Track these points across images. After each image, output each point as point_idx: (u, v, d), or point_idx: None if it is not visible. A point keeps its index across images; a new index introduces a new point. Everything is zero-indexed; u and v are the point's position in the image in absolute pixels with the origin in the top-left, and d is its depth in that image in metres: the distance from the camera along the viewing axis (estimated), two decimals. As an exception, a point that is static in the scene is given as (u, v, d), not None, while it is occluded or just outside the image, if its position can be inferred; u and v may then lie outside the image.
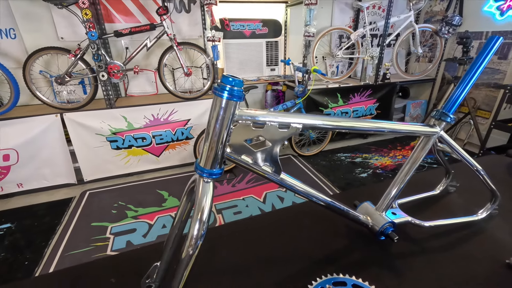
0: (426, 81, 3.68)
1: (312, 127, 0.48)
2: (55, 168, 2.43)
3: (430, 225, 0.74)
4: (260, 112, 0.44)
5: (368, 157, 3.05)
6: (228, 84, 0.39)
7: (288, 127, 0.45)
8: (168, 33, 2.40)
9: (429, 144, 0.65)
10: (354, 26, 3.52)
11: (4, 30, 2.32)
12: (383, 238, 0.68)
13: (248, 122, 0.43)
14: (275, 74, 3.38)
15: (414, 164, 0.68)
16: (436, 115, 0.64)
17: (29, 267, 1.67)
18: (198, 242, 0.43)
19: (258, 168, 0.47)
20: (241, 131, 0.44)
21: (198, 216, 0.42)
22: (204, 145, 0.42)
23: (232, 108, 0.40)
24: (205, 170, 0.43)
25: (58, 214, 2.16)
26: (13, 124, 2.20)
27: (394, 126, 0.59)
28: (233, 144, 0.45)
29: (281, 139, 0.46)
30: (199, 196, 0.43)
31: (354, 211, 0.68)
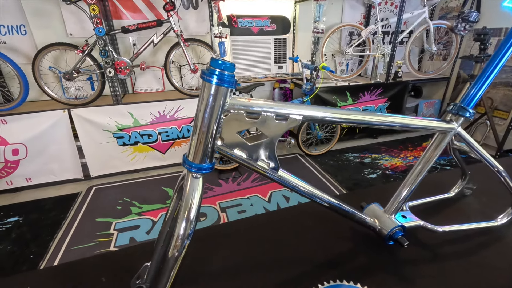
0: (440, 80, 3.55)
1: (313, 120, 0.44)
2: (63, 163, 2.46)
3: (443, 230, 0.68)
4: (254, 101, 0.40)
5: (378, 158, 2.96)
6: (217, 67, 0.35)
7: (287, 119, 0.41)
8: (174, 29, 2.38)
9: (444, 141, 0.60)
10: (365, 23, 3.42)
11: (15, 27, 2.36)
12: (391, 243, 0.63)
13: (241, 112, 0.39)
14: (283, 71, 3.33)
15: (427, 163, 0.62)
16: (454, 110, 0.58)
17: (34, 260, 1.68)
18: (185, 242, 0.40)
19: (253, 164, 0.43)
20: (233, 122, 0.40)
21: (185, 215, 0.39)
22: (192, 137, 0.38)
23: (223, 95, 0.36)
24: (193, 165, 0.39)
25: (64, 208, 2.17)
26: (22, 119, 2.23)
27: (405, 121, 0.54)
28: (225, 137, 0.41)
29: (278, 132, 0.41)
30: (186, 193, 0.39)
31: (360, 213, 0.64)
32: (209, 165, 0.39)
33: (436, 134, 0.61)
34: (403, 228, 0.63)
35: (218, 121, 0.37)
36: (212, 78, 0.35)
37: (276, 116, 0.40)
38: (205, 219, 2.03)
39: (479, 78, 0.57)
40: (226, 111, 0.38)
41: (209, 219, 2.04)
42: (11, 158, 2.27)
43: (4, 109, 2.27)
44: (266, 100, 0.41)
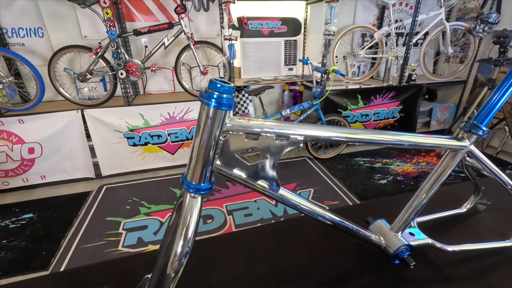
0: (456, 83, 3.43)
1: (315, 139, 0.42)
2: (75, 162, 2.52)
3: (453, 250, 0.65)
4: (254, 122, 0.39)
5: (389, 163, 2.89)
6: (215, 90, 0.34)
7: (287, 139, 0.40)
8: (185, 31, 2.40)
9: (456, 159, 0.57)
10: (378, 24, 3.35)
11: (33, 29, 2.44)
12: (397, 261, 0.61)
13: (240, 133, 0.39)
14: (292, 74, 3.30)
15: (437, 181, 0.60)
16: (466, 127, 0.55)
17: (46, 257, 1.73)
18: (182, 260, 0.39)
19: (253, 184, 0.43)
20: (232, 143, 0.39)
21: (182, 234, 0.39)
22: (190, 158, 0.38)
23: (221, 117, 0.36)
24: (191, 185, 0.39)
25: (76, 206, 2.23)
26: (38, 118, 2.30)
27: (415, 139, 0.52)
28: (224, 157, 0.40)
29: (279, 152, 0.40)
30: (184, 213, 0.39)
31: (365, 230, 0.62)
32: (208, 185, 0.39)
33: (447, 151, 0.58)
34: (409, 247, 0.60)
35: (216, 142, 0.37)
36: (210, 101, 0.35)
37: (276, 136, 0.40)
38: (212, 221, 2.04)
39: (493, 95, 0.55)
40: (225, 132, 0.37)
41: (216, 221, 2.04)
42: (27, 156, 2.35)
43: (21, 109, 2.35)
44: (266, 121, 0.40)
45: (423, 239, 0.65)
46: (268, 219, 2.05)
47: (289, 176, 2.63)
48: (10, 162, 2.32)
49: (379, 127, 3.29)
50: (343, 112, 3.05)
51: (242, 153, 0.40)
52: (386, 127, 3.32)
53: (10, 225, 2.02)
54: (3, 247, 1.81)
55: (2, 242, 1.85)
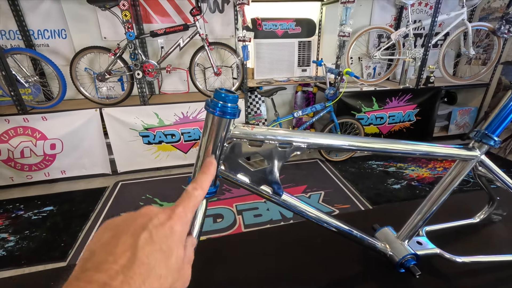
0: (478, 86, 3.29)
1: (319, 147, 0.43)
2: (93, 158, 2.63)
3: (463, 261, 0.64)
4: (257, 129, 0.40)
5: (403, 167, 2.82)
6: (220, 100, 0.36)
7: (291, 146, 0.41)
8: (200, 33, 2.44)
9: (465, 169, 0.56)
10: (396, 25, 3.27)
11: (57, 31, 2.56)
12: (403, 270, 0.60)
13: (244, 140, 0.40)
14: (306, 75, 3.28)
15: (446, 190, 0.59)
16: (477, 137, 0.54)
17: (64, 249, 1.82)
18: None
19: (256, 189, 0.44)
20: (236, 149, 0.41)
21: None
22: (196, 163, 0.40)
23: (225, 125, 0.37)
24: (196, 189, 0.40)
25: (93, 201, 2.33)
26: (60, 116, 2.42)
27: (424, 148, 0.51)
28: (228, 163, 0.42)
29: (282, 159, 0.41)
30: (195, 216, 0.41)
31: (370, 237, 0.61)
32: (212, 189, 0.40)
33: (457, 161, 0.57)
34: (416, 257, 0.60)
35: (221, 149, 0.38)
36: (215, 110, 0.36)
37: (279, 144, 0.41)
38: (222, 221, 2.07)
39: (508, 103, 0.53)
40: (229, 139, 0.39)
41: (225, 220, 2.07)
42: (49, 152, 2.48)
43: (45, 106, 2.48)
44: (270, 128, 0.41)
45: (431, 248, 0.64)
46: (277, 220, 2.06)
47: (300, 178, 2.63)
48: (34, 157, 2.45)
49: (394, 130, 3.21)
50: (356, 115, 3.00)
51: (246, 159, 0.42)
52: (401, 131, 3.24)
53: (32, 216, 2.14)
54: (26, 237, 1.92)
55: (25, 233, 1.96)
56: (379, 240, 0.63)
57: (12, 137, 2.35)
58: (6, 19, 2.39)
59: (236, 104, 0.37)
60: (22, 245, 1.86)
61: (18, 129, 2.35)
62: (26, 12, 2.43)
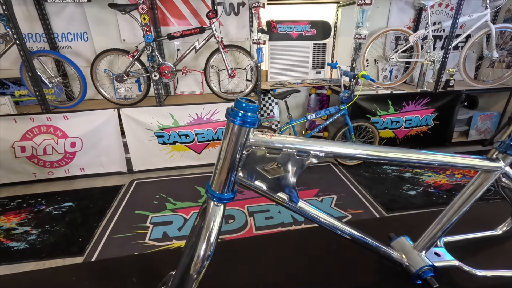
0: (501, 90, 3.16)
1: (336, 156, 0.43)
2: (111, 157, 2.71)
3: (484, 275, 0.62)
4: (276, 138, 0.41)
5: (420, 173, 2.74)
6: (241, 109, 0.37)
7: (308, 155, 0.41)
8: (215, 35, 2.48)
9: (489, 180, 0.54)
10: (414, 27, 3.19)
11: (79, 34, 2.66)
12: (419, 282, 0.59)
13: (263, 148, 0.41)
14: (320, 77, 3.25)
15: (467, 201, 0.57)
16: (501, 148, 0.52)
17: (82, 244, 1.89)
18: (205, 262, 0.42)
19: (273, 195, 0.44)
20: (255, 157, 0.41)
21: (205, 238, 0.42)
22: (215, 169, 0.41)
23: (245, 134, 0.38)
24: (215, 194, 0.41)
25: (109, 198, 2.40)
26: (80, 116, 2.51)
27: (445, 159, 0.50)
28: (246, 170, 0.43)
29: (299, 167, 0.42)
30: (207, 219, 0.42)
31: (386, 247, 0.61)
32: (230, 195, 0.41)
33: (479, 172, 0.55)
34: (433, 268, 0.58)
35: (240, 156, 0.39)
36: (236, 119, 0.37)
37: (297, 152, 0.41)
38: (233, 222, 2.09)
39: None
40: (248, 147, 0.40)
41: (237, 221, 2.09)
42: (70, 150, 2.58)
43: (66, 106, 2.58)
44: (288, 137, 0.42)
45: (449, 260, 0.62)
46: (289, 223, 2.05)
47: (312, 181, 2.60)
48: (55, 154, 2.56)
49: (411, 134, 3.13)
50: (371, 118, 2.95)
51: (264, 166, 0.42)
52: (418, 135, 3.15)
53: (52, 211, 2.23)
54: (46, 231, 2.01)
55: (45, 227, 2.05)
56: (395, 249, 0.62)
57: (36, 135, 2.47)
58: (32, 22, 2.52)
59: (256, 113, 0.37)
60: (43, 238, 1.94)
61: (41, 127, 2.47)
62: (51, 16, 2.55)
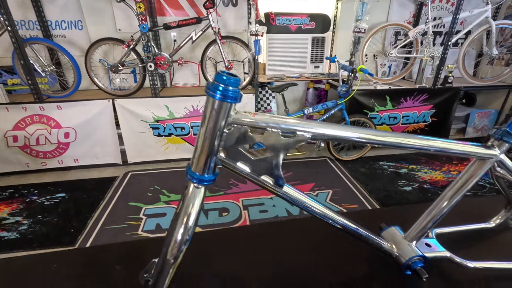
0: (500, 88, 3.15)
1: (325, 138, 0.41)
2: (105, 148, 2.68)
3: (475, 267, 0.60)
4: (260, 116, 0.39)
5: (416, 169, 2.74)
6: (221, 83, 0.34)
7: (294, 136, 0.39)
8: (213, 26, 2.43)
9: (483, 168, 0.52)
10: (415, 22, 3.16)
11: (74, 22, 2.61)
12: (409, 272, 0.57)
13: (245, 127, 0.39)
14: (318, 71, 3.22)
15: (460, 190, 0.55)
16: (497, 134, 0.51)
17: (74, 234, 1.87)
18: (182, 247, 0.41)
19: (257, 178, 0.42)
20: (237, 136, 0.39)
21: (183, 221, 0.40)
22: (195, 148, 0.39)
23: (226, 110, 0.36)
24: (195, 176, 0.39)
25: (103, 190, 2.38)
26: (74, 106, 2.47)
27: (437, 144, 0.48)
28: (228, 150, 0.40)
29: (284, 149, 0.39)
30: (186, 202, 0.40)
31: (376, 236, 0.59)
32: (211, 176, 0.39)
33: (474, 159, 0.53)
34: (424, 259, 0.57)
35: (221, 134, 0.37)
36: (215, 93, 0.35)
37: (282, 132, 0.39)
38: (227, 215, 2.07)
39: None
40: (229, 125, 0.38)
41: (231, 214, 2.07)
42: (63, 140, 2.54)
43: (60, 96, 2.54)
44: (272, 115, 0.39)
45: (440, 251, 0.61)
46: (283, 217, 2.04)
47: (308, 176, 2.59)
48: (48, 144, 2.52)
49: (408, 131, 3.12)
50: (369, 113, 2.93)
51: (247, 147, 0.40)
52: (415, 131, 3.14)
53: (45, 202, 2.21)
54: (38, 221, 1.99)
55: (37, 217, 2.03)
56: (385, 240, 0.61)
57: (28, 124, 2.43)
58: (26, 9, 2.46)
59: (238, 88, 0.35)
60: (34, 229, 1.92)
61: (34, 117, 2.43)
62: (45, 3, 2.49)
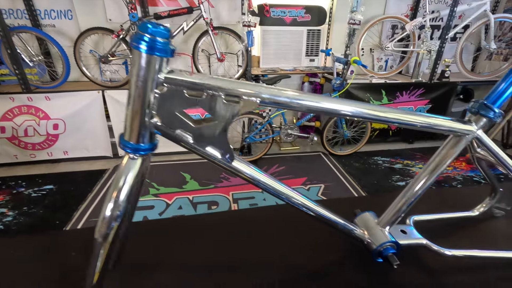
0: (498, 83, 3.09)
1: (275, 104, 0.36)
2: (95, 140, 2.64)
3: (453, 255, 0.56)
4: (197, 75, 0.34)
5: (410, 164, 2.70)
6: (146, 32, 0.30)
7: (239, 100, 0.34)
8: (204, 17, 2.38)
9: (459, 146, 0.48)
10: (412, 15, 3.10)
11: (63, 11, 2.55)
12: (380, 260, 0.54)
13: (181, 88, 0.34)
14: (313, 65, 3.17)
15: (435, 170, 0.51)
16: (474, 108, 0.46)
17: (59, 226, 1.83)
18: (112, 224, 0.36)
19: (201, 151, 0.38)
20: (172, 99, 0.34)
21: (113, 195, 0.35)
22: (126, 114, 0.34)
23: (155, 66, 0.31)
24: (129, 145, 0.35)
25: (92, 183, 2.34)
26: (62, 96, 2.43)
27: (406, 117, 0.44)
28: (163, 115, 0.36)
29: (229, 115, 0.35)
30: (119, 174, 0.36)
31: (349, 222, 0.55)
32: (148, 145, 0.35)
33: (450, 136, 0.49)
34: (396, 245, 0.53)
35: (151, 96, 0.32)
36: (140, 44, 0.30)
37: (225, 96, 0.34)
38: (216, 208, 2.04)
39: (513, 70, 0.45)
40: (161, 85, 0.33)
41: (220, 207, 2.04)
42: (52, 132, 2.50)
43: (48, 86, 2.49)
44: (214, 76, 0.35)
45: (416, 238, 0.57)
46: (273, 211, 2.00)
47: (300, 170, 2.55)
48: (37, 136, 2.48)
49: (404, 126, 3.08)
50: (364, 108, 2.88)
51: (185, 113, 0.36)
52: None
53: (32, 194, 2.17)
54: (24, 213, 1.95)
55: (23, 209, 1.99)
56: (358, 226, 0.57)
57: (16, 115, 2.39)
58: (14, -2, 2.40)
59: (168, 39, 0.31)
60: (19, 220, 1.89)
61: (22, 107, 2.38)
62: (33, -8, 2.43)
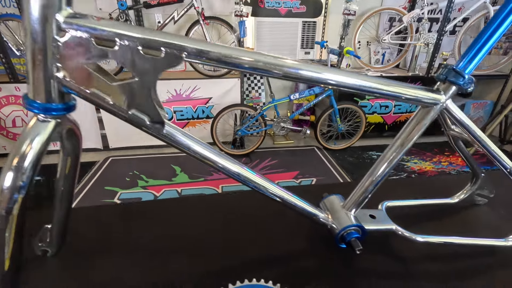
0: (496, 78, 3.03)
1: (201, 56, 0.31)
2: (85, 132, 2.60)
3: (425, 241, 0.52)
4: (106, 21, 0.30)
5: (405, 159, 2.65)
6: None
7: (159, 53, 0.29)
8: (195, 6, 2.33)
9: (427, 118, 0.44)
10: (410, 7, 3.03)
11: (52, 0, 2.50)
12: (343, 245, 0.49)
13: (87, 36, 0.29)
14: (309, 57, 3.12)
15: (403, 146, 0.47)
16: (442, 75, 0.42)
17: (43, 217, 1.80)
18: (14, 196, 0.32)
19: (124, 115, 0.34)
20: (78, 49, 0.30)
21: (13, 162, 0.31)
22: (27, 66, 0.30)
23: (53, 5, 0.27)
24: (36, 105, 0.30)
25: (80, 175, 2.30)
26: (51, 87, 2.38)
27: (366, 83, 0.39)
28: (70, 69, 0.31)
29: (150, 71, 0.30)
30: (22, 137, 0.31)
31: (313, 206, 0.51)
32: (60, 105, 0.31)
33: (418, 108, 0.45)
34: (361, 230, 0.49)
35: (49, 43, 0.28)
36: None
37: (142, 47, 0.30)
38: (205, 201, 2.00)
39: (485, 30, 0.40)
40: (63, 31, 0.29)
41: (209, 201, 2.00)
42: (41, 123, 2.46)
43: (37, 77, 2.45)
44: (128, 24, 0.30)
45: (386, 224, 0.52)
46: (262, 204, 1.97)
47: (293, 164, 2.51)
48: (26, 127, 2.45)
49: (400, 120, 3.03)
50: (359, 101, 2.83)
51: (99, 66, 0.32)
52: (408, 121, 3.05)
53: (18, 185, 2.14)
54: (8, 204, 1.92)
55: (8, 199, 1.96)
56: (322, 209, 0.53)
57: (3, 105, 2.35)
58: (1, -15, 2.36)
59: None
60: (3, 211, 1.86)
61: (10, 97, 2.34)
62: (21, -21, 2.38)
